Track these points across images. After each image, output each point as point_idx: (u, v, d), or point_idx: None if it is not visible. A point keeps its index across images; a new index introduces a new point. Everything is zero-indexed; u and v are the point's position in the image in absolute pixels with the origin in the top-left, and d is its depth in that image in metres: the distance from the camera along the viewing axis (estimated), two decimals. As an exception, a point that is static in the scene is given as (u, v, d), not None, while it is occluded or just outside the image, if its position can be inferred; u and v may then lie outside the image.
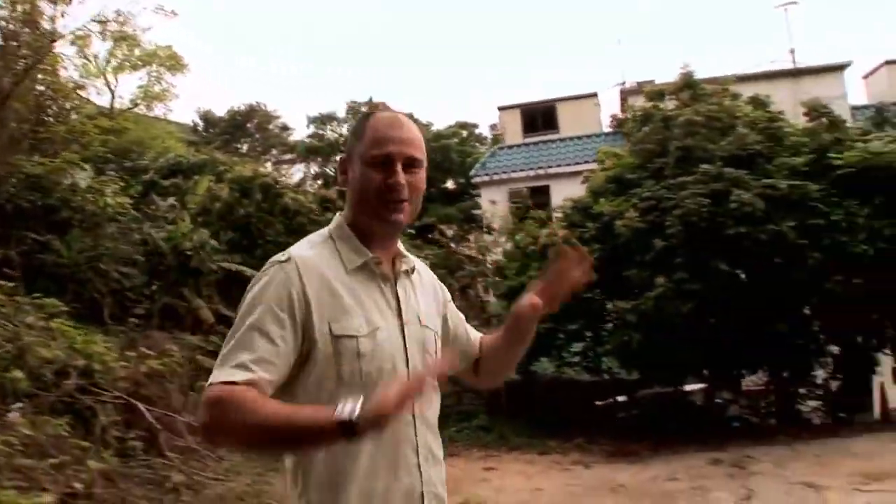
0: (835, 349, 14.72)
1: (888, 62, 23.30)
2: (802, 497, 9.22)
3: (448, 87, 71.47)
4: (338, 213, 1.92)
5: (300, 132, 36.10)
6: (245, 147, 37.20)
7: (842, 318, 12.68)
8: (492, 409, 15.96)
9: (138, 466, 7.75)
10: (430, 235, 22.37)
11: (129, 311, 12.09)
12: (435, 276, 2.10)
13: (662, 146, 13.25)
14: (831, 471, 10.42)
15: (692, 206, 11.53)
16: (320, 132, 33.45)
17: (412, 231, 24.85)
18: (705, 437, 12.52)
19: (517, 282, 14.24)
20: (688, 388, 15.75)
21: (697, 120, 12.87)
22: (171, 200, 17.93)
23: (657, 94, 15.50)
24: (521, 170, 21.61)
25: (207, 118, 37.12)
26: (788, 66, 22.72)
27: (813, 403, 15.90)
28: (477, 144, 31.11)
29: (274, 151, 38.03)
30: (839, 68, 22.19)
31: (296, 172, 34.99)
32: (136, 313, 12.04)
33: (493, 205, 19.90)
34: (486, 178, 22.38)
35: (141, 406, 8.87)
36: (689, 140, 12.72)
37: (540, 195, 20.46)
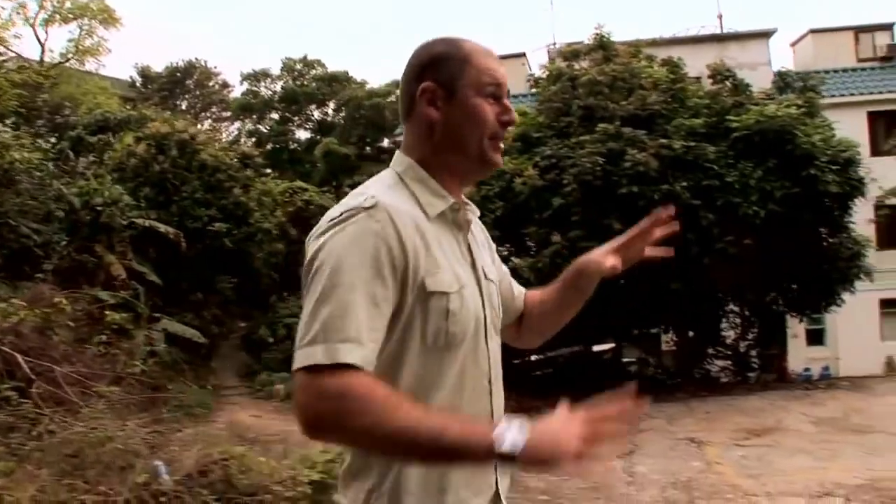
0: (744, 311, 15.05)
1: (813, 31, 23.58)
2: (683, 451, 9.44)
3: (390, 44, 70.75)
4: (398, 153, 1.62)
5: (241, 89, 35.61)
6: (184, 104, 36.45)
7: (737, 277, 12.92)
8: None
9: (9, 416, 7.66)
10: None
11: (39, 266, 11.85)
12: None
13: (568, 105, 13.25)
14: (717, 427, 10.71)
15: (588, 164, 11.58)
16: (254, 89, 32.84)
17: (349, 187, 24.77)
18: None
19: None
20: (598, 347, 15.97)
21: (601, 80, 12.88)
22: (91, 157, 17.59)
23: (572, 54, 15.43)
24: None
25: (146, 74, 36.16)
26: (716, 31, 22.84)
27: (722, 363, 16.30)
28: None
29: (214, 109, 37.36)
30: (764, 35, 22.38)
31: (235, 130, 34.60)
32: (45, 269, 11.79)
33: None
34: (409, 136, 22.13)
35: (18, 357, 8.74)
36: (591, 99, 12.74)
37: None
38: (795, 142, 12.06)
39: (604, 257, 1.79)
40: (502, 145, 1.59)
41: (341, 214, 1.41)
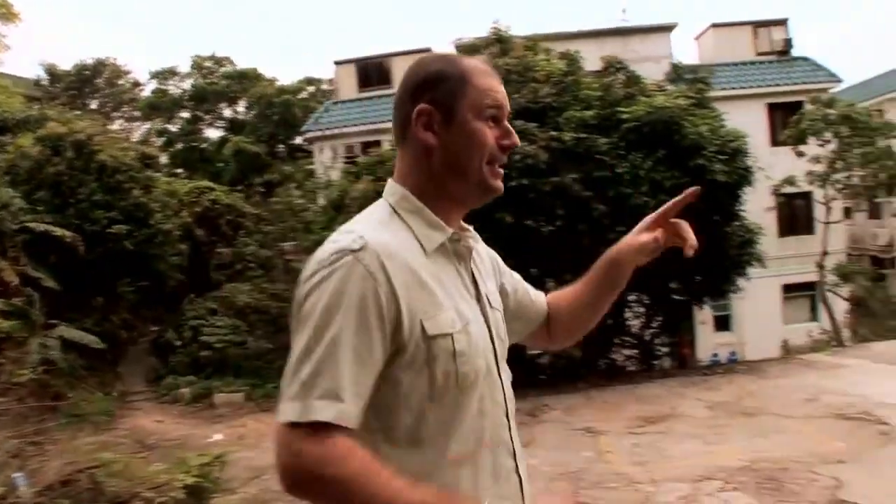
0: (646, 299, 15.22)
1: (714, 25, 24.17)
2: (579, 441, 9.45)
3: (304, 43, 70.17)
4: (390, 182, 1.52)
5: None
6: (95, 104, 35.25)
7: (637, 267, 13.00)
8: None
9: None
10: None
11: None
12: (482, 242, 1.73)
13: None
14: (614, 416, 10.76)
15: (478, 158, 11.50)
16: (163, 87, 31.98)
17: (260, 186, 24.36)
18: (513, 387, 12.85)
19: (323, 237, 14.07)
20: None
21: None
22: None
23: (470, 48, 15.41)
24: (355, 125, 21.32)
25: (53, 72, 34.77)
26: (619, 24, 23.19)
27: (628, 352, 16.50)
28: (324, 101, 30.58)
29: (126, 108, 36.24)
30: (666, 29, 22.85)
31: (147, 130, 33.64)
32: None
33: (325, 160, 19.57)
34: (320, 134, 21.97)
35: None
36: (484, 93, 12.67)
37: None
38: (683, 132, 12.24)
39: (636, 239, 1.76)
40: (502, 170, 1.51)
41: (329, 257, 1.33)
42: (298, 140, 28.49)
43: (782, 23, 24.01)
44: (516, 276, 1.81)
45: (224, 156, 28.18)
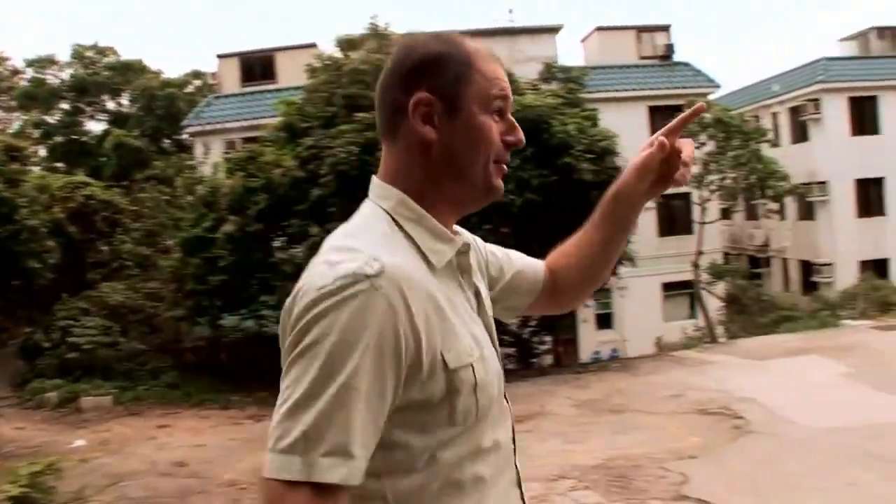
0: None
1: (599, 28, 24.67)
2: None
3: (194, 36, 68.68)
4: (378, 182, 1.29)
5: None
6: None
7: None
8: (181, 367, 15.60)
9: None
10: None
11: None
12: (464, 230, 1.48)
13: (333, 94, 12.97)
14: (482, 416, 10.73)
15: (343, 154, 11.33)
16: (39, 77, 30.49)
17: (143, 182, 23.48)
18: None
19: (192, 234, 13.65)
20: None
21: (364, 68, 12.67)
22: None
23: (348, 43, 15.22)
24: (236, 120, 20.77)
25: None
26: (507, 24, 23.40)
27: (507, 350, 16.59)
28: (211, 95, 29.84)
29: (3, 97, 34.43)
30: (552, 30, 23.16)
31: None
32: None
33: (201, 156, 19.02)
34: (200, 129, 21.35)
35: None
36: (354, 88, 12.51)
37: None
38: (551, 131, 12.34)
39: (634, 161, 1.49)
40: (506, 168, 1.29)
41: (335, 282, 1.08)
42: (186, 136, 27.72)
43: (665, 29, 24.70)
44: (498, 251, 1.60)
45: (105, 150, 27.09)
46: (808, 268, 25.31)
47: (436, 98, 1.23)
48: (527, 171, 12.16)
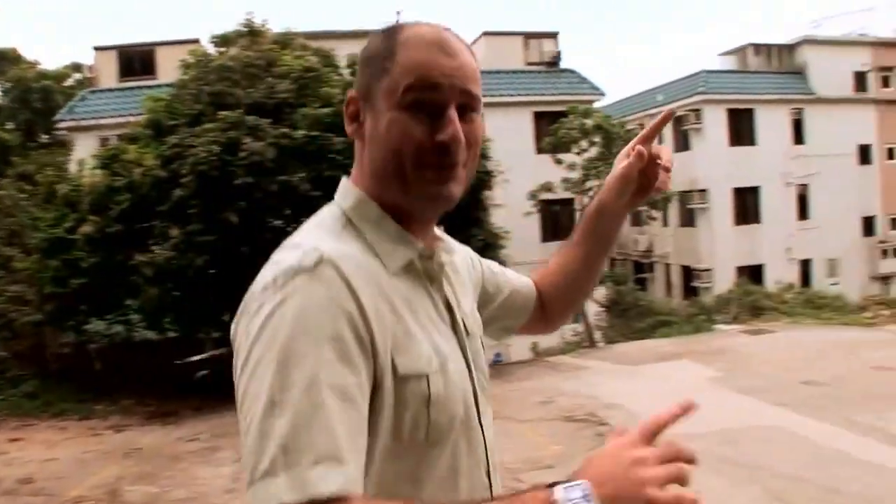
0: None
1: (486, 33, 24.89)
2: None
3: (78, 27, 66.27)
4: (344, 181, 1.20)
5: None
6: None
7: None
8: (43, 375, 14.93)
9: None
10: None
11: None
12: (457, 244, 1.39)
13: (199, 91, 12.62)
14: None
15: (203, 154, 11.03)
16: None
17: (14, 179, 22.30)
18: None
19: (51, 235, 13.06)
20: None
21: (231, 66, 12.38)
22: None
23: (222, 39, 14.85)
24: (112, 116, 19.96)
25: None
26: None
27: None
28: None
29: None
30: (440, 34, 23.17)
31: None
32: None
33: (74, 152, 18.27)
34: (74, 124, 20.47)
35: None
36: (220, 86, 12.20)
37: (134, 143, 19.10)
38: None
39: (613, 173, 1.46)
40: (451, 171, 1.10)
41: (276, 280, 0.98)
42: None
43: (553, 36, 25.12)
44: (496, 267, 1.53)
45: (-28, 143, 25.73)
46: (689, 273, 26.23)
47: (360, 96, 1.16)
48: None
